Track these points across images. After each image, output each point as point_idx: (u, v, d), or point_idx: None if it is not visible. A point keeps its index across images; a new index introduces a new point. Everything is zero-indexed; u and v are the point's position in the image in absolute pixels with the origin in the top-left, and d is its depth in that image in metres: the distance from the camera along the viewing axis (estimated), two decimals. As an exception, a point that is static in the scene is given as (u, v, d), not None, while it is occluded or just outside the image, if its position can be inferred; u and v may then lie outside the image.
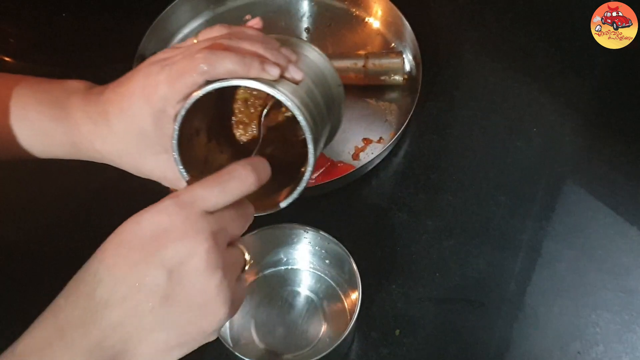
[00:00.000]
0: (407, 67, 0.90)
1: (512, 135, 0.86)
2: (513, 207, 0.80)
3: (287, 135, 0.61)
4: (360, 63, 0.87)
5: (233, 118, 0.61)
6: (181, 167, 0.54)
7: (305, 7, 0.99)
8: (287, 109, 0.52)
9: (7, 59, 0.99)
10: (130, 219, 0.46)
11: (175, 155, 0.53)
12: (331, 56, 0.89)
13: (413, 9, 0.93)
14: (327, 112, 0.60)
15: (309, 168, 0.54)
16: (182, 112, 0.52)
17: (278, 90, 0.51)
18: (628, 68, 0.92)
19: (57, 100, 0.59)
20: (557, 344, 0.71)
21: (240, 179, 0.47)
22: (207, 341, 0.48)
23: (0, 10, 1.02)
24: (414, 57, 0.90)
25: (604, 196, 0.81)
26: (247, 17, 0.98)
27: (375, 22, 0.97)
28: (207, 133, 0.58)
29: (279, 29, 0.97)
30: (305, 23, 0.98)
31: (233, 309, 0.48)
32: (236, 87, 0.58)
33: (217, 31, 0.56)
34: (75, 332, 0.44)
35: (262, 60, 0.52)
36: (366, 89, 0.90)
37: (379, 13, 0.96)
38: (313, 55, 0.62)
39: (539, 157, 0.85)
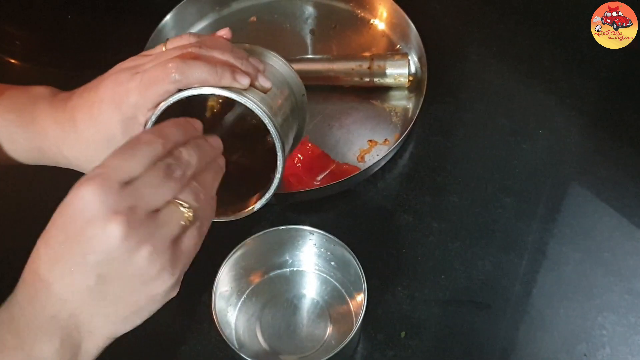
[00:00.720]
0: (413, 69, 0.90)
1: (517, 137, 0.86)
2: (519, 209, 0.80)
3: (254, 143, 0.62)
4: (365, 65, 0.88)
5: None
6: None
7: (310, 9, 0.99)
8: (254, 117, 0.54)
9: (13, 61, 1.00)
10: (66, 197, 0.46)
11: None
12: (336, 58, 0.90)
13: (418, 10, 0.92)
14: (292, 120, 0.62)
15: (278, 175, 0.56)
16: (153, 119, 0.53)
17: (248, 98, 0.53)
18: (632, 69, 0.91)
19: (22, 107, 0.59)
20: (563, 346, 0.71)
21: (148, 142, 0.47)
22: (166, 300, 0.49)
23: (6, 13, 1.02)
24: (419, 59, 0.90)
25: (610, 198, 0.81)
26: (253, 19, 0.98)
27: (380, 23, 0.97)
28: None
29: (284, 31, 0.97)
30: (310, 25, 0.98)
31: (177, 267, 0.48)
32: (206, 95, 0.59)
33: (186, 40, 0.56)
34: (33, 308, 0.47)
35: (233, 69, 0.53)
36: (371, 90, 0.90)
37: (384, 15, 0.96)
38: (279, 64, 0.64)
39: (544, 159, 0.85)
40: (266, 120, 0.53)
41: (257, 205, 0.59)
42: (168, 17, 0.93)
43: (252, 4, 1.00)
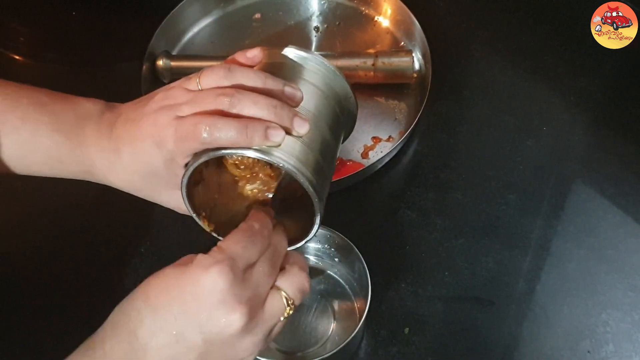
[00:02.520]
0: (417, 66, 0.90)
1: (521, 134, 0.86)
2: (523, 206, 0.80)
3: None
4: (369, 61, 0.88)
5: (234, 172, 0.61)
6: (195, 215, 0.56)
7: (314, 5, 0.99)
8: None
9: (17, 57, 1.00)
10: (177, 266, 0.49)
11: (190, 209, 0.56)
12: (340, 55, 0.90)
13: (422, 7, 0.93)
14: (335, 141, 0.59)
15: (315, 227, 0.56)
16: (184, 180, 0.53)
17: (279, 158, 0.52)
18: (636, 67, 0.91)
19: (69, 128, 0.58)
20: (566, 343, 0.71)
21: (261, 233, 0.51)
22: None
23: (10, 9, 1.02)
24: (424, 56, 0.90)
25: (614, 195, 0.80)
26: (257, 15, 0.98)
27: (384, 20, 0.97)
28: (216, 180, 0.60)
29: (288, 27, 0.97)
30: (314, 22, 0.98)
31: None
32: None
33: (219, 76, 0.54)
34: None
35: (267, 125, 0.52)
36: (375, 87, 0.90)
37: (389, 12, 0.96)
38: (320, 71, 0.60)
39: (548, 156, 0.85)
40: (299, 178, 0.52)
41: (297, 245, 0.59)
42: (172, 13, 0.93)
43: (256, 0, 1.00)
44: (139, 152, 0.55)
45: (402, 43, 0.94)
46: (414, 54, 0.89)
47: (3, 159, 0.59)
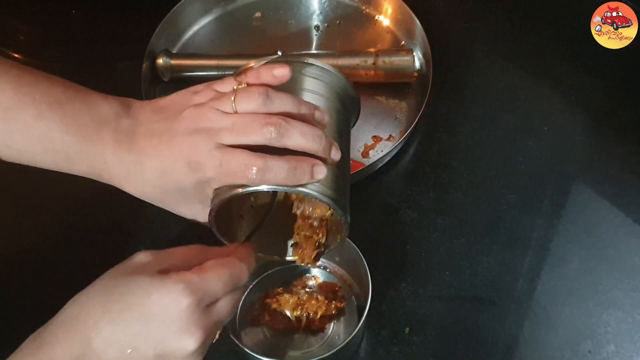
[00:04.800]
0: (417, 65, 0.90)
1: (522, 134, 0.86)
2: (523, 206, 0.80)
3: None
4: (370, 60, 0.87)
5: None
6: (223, 238, 0.59)
7: (315, 4, 0.99)
8: None
9: (17, 56, 0.99)
10: (144, 279, 0.50)
11: (214, 228, 0.57)
12: (341, 54, 0.90)
13: (423, 7, 0.92)
14: (347, 151, 0.61)
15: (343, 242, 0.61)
16: (214, 210, 0.54)
17: (318, 192, 0.53)
18: (636, 67, 0.91)
19: (84, 130, 0.56)
20: (567, 343, 0.71)
21: (238, 274, 0.53)
22: None
23: (10, 7, 1.02)
24: (424, 55, 0.89)
25: (615, 195, 0.80)
26: (257, 14, 0.98)
27: (385, 20, 0.97)
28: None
29: (289, 26, 0.97)
30: (314, 21, 0.98)
31: None
32: None
33: (256, 101, 0.54)
34: None
35: (313, 163, 0.53)
36: (376, 86, 0.89)
37: (389, 11, 0.96)
38: (328, 80, 0.60)
39: (549, 156, 0.84)
40: (333, 206, 0.55)
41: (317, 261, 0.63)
42: (173, 11, 0.93)
43: (256, -1, 1.00)
44: (168, 170, 0.55)
45: (403, 42, 0.94)
46: (414, 53, 0.89)
47: (13, 152, 0.58)
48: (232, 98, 0.54)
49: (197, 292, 0.49)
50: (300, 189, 0.53)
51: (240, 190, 0.52)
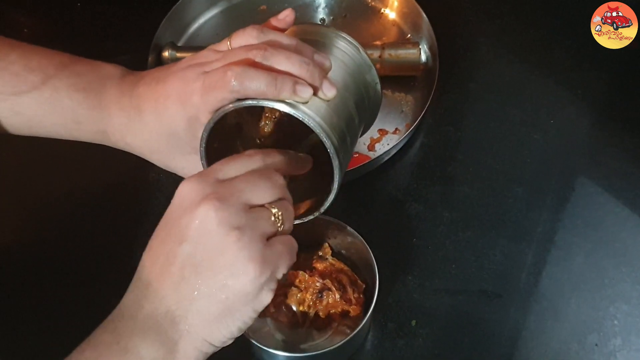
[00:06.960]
0: (424, 58, 0.90)
1: (528, 127, 0.86)
2: (529, 199, 0.80)
3: (316, 141, 0.61)
4: (376, 53, 0.87)
5: (261, 123, 0.62)
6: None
7: (320, -3, 0.99)
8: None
9: (21, 48, 0.99)
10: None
11: (204, 162, 0.55)
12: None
13: (429, 0, 0.92)
14: (359, 120, 0.59)
15: (332, 196, 0.56)
16: (206, 131, 0.53)
17: (305, 114, 0.51)
18: (636, 67, 0.91)
19: (91, 87, 0.58)
20: (574, 336, 0.71)
21: (249, 155, 0.52)
22: (258, 306, 0.49)
23: (14, 1, 1.02)
24: (430, 48, 0.89)
25: (621, 189, 0.80)
26: (263, 7, 0.98)
27: (391, 13, 0.96)
28: (240, 137, 0.60)
29: (294, 20, 0.96)
30: (320, 14, 0.98)
31: (266, 266, 0.48)
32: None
33: (250, 36, 0.54)
34: (132, 308, 0.49)
35: (295, 80, 0.52)
36: (382, 79, 0.87)
37: (395, 4, 0.96)
38: (350, 51, 0.60)
39: (555, 150, 0.84)
40: (323, 137, 0.52)
41: (305, 219, 0.59)
42: (178, 4, 0.93)
43: (262, -8, 0.99)
44: (162, 110, 0.55)
45: (409, 35, 0.94)
46: (420, 46, 0.89)
47: (23, 120, 0.59)
48: (229, 38, 0.55)
49: (198, 173, 0.49)
50: (287, 107, 0.51)
51: (221, 109, 0.52)
